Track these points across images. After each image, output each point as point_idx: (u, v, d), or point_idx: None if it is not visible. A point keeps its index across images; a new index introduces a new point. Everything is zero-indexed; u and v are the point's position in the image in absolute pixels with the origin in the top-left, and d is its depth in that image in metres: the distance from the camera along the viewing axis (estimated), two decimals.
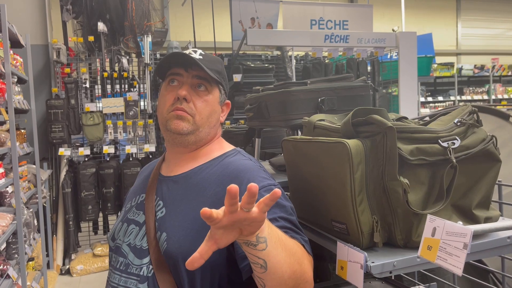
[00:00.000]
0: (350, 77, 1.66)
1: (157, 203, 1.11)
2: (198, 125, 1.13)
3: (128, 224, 1.14)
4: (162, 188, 1.14)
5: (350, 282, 1.01)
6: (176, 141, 1.14)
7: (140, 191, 1.20)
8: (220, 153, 1.17)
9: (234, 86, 4.78)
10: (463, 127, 1.06)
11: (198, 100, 1.13)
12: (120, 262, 1.10)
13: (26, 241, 3.08)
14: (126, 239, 1.12)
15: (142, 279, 1.04)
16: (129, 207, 1.19)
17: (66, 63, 4.55)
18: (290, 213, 1.03)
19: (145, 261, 1.06)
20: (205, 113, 1.13)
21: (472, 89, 9.27)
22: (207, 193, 1.07)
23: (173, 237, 1.03)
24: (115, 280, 1.09)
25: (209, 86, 1.14)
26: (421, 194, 1.02)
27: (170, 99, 1.13)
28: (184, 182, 1.12)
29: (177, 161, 1.18)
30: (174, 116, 1.11)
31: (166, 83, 1.16)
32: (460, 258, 0.78)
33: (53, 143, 4.41)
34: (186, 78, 1.13)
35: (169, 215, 1.07)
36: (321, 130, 1.23)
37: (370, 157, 1.03)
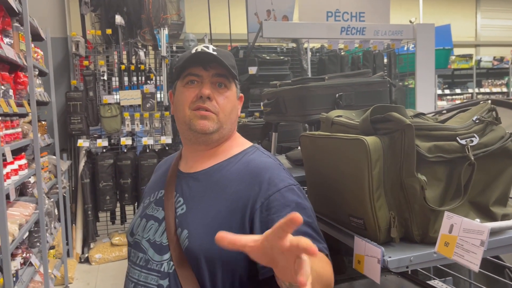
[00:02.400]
0: (368, 72, 1.67)
1: (177, 200, 1.11)
2: (222, 123, 1.12)
3: (147, 220, 1.14)
4: (182, 185, 1.14)
5: (367, 276, 1.03)
6: (200, 140, 1.14)
7: (159, 187, 1.20)
8: (239, 150, 1.17)
9: (249, 78, 4.79)
10: (482, 124, 1.06)
11: (219, 97, 1.12)
12: (139, 257, 1.10)
13: (48, 230, 3.17)
14: (145, 235, 1.12)
15: (163, 275, 1.04)
16: (148, 202, 1.19)
17: (84, 55, 4.61)
18: (310, 216, 1.04)
19: (166, 257, 1.05)
20: (227, 109, 1.13)
21: (491, 82, 9.11)
22: (228, 191, 1.07)
23: (194, 234, 1.03)
24: (135, 275, 1.09)
25: (227, 82, 1.14)
26: (438, 191, 1.04)
27: (190, 97, 1.11)
28: (205, 179, 1.12)
29: (196, 158, 1.18)
30: (198, 116, 1.11)
31: (184, 83, 1.14)
32: (477, 255, 0.80)
33: (72, 135, 4.50)
34: (206, 77, 1.12)
35: (190, 212, 1.08)
36: (339, 126, 1.25)
37: (388, 154, 1.05)
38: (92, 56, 4.71)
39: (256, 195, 1.03)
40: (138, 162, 4.46)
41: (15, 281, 2.34)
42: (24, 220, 2.52)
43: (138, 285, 1.07)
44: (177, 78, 1.17)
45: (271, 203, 1.02)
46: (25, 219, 2.56)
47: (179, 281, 1.01)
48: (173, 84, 1.21)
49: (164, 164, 1.32)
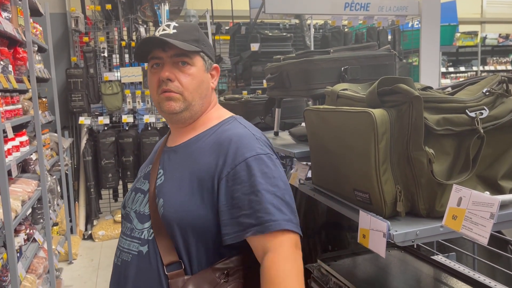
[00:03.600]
0: (374, 45, 1.63)
1: (158, 172, 1.17)
2: (189, 101, 1.15)
3: (136, 192, 1.20)
4: (164, 158, 1.20)
5: (372, 250, 1.02)
6: (173, 120, 1.19)
7: (149, 162, 1.26)
8: (216, 122, 1.19)
9: (251, 55, 4.73)
10: (492, 96, 1.04)
11: (182, 76, 1.14)
12: (127, 227, 1.17)
13: (51, 206, 3.18)
14: (133, 206, 1.18)
15: (143, 242, 1.10)
16: (139, 177, 1.26)
17: (84, 32, 4.55)
18: (276, 185, 1.05)
19: (146, 225, 1.12)
20: (192, 87, 1.15)
21: (495, 59, 8.99)
22: (200, 162, 1.10)
23: (169, 203, 1.09)
24: (121, 243, 1.17)
25: (189, 59, 1.15)
26: (446, 165, 1.02)
27: (155, 82, 1.15)
28: (183, 152, 1.17)
29: (179, 133, 1.23)
30: (164, 99, 1.14)
31: (150, 66, 1.18)
32: (487, 227, 0.78)
33: (73, 112, 4.48)
34: (166, 58, 1.14)
35: (166, 182, 1.13)
36: (344, 100, 1.23)
37: (395, 127, 1.02)
38: (92, 32, 4.65)
39: (223, 165, 1.07)
40: (140, 140, 4.45)
41: (19, 256, 2.35)
42: (26, 197, 2.52)
43: (123, 252, 1.14)
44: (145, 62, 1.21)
45: (237, 173, 1.05)
46: (28, 196, 2.56)
47: (157, 247, 1.07)
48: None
49: (159, 143, 1.37)
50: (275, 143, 1.87)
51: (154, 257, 1.08)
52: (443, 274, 1.37)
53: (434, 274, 1.38)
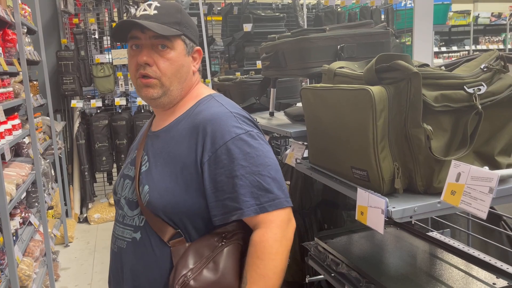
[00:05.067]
0: (370, 23, 1.62)
1: (143, 158, 1.16)
2: (167, 86, 1.12)
3: (124, 179, 1.20)
4: (148, 143, 1.18)
5: (370, 227, 1.03)
6: (152, 105, 1.18)
7: (136, 147, 1.25)
8: (193, 103, 1.17)
9: (244, 36, 4.68)
10: (490, 72, 1.04)
11: (160, 60, 1.10)
12: (119, 214, 1.18)
13: (45, 190, 3.16)
14: (123, 193, 1.18)
15: (135, 229, 1.11)
16: (126, 163, 1.25)
17: (73, 13, 4.46)
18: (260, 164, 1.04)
19: (136, 212, 1.12)
20: (170, 72, 1.11)
21: (488, 38, 8.99)
22: (181, 147, 1.09)
23: (154, 190, 1.08)
24: (116, 230, 1.18)
25: (169, 43, 1.10)
26: (443, 141, 1.02)
27: (133, 65, 1.12)
28: (163, 137, 1.15)
29: (161, 116, 1.21)
30: (142, 85, 1.12)
31: (129, 47, 1.14)
32: (486, 202, 0.79)
33: (65, 95, 4.42)
34: (144, 40, 1.10)
35: (150, 169, 1.12)
36: (342, 78, 1.22)
37: (393, 104, 1.02)
38: (81, 14, 4.56)
39: (202, 150, 1.06)
40: (133, 123, 4.42)
41: (15, 240, 2.35)
42: (21, 180, 2.51)
43: (118, 239, 1.15)
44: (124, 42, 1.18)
45: (218, 157, 1.04)
46: (22, 179, 2.54)
47: (152, 232, 1.08)
48: None
49: (146, 125, 1.35)
50: (271, 123, 1.86)
51: (148, 242, 1.09)
52: (439, 249, 1.39)
53: (430, 250, 1.40)
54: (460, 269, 1.25)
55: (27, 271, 2.40)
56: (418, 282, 1.20)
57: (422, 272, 1.26)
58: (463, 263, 1.28)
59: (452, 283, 1.17)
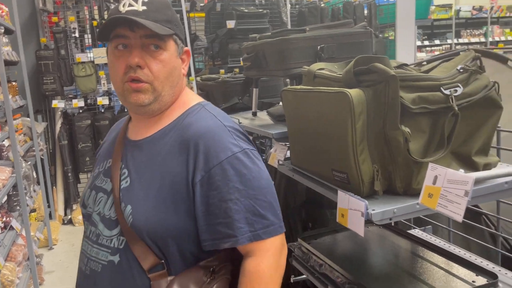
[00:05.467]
0: (350, 23, 1.62)
1: (122, 171, 1.03)
2: (159, 91, 1.00)
3: (97, 191, 1.07)
4: (127, 154, 1.05)
5: (351, 229, 1.04)
6: (138, 112, 1.05)
7: (107, 155, 1.11)
8: (181, 111, 1.05)
9: (227, 32, 4.65)
10: (466, 73, 1.04)
11: (153, 63, 0.98)
12: (91, 231, 1.05)
13: (27, 193, 3.11)
14: (96, 208, 1.05)
15: (114, 251, 0.98)
16: (97, 172, 1.11)
17: (53, 11, 4.38)
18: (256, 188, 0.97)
19: (115, 232, 0.99)
20: (163, 75, 1.00)
21: (469, 32, 9.09)
22: (169, 163, 0.99)
23: (138, 210, 0.97)
24: (87, 250, 1.04)
25: (162, 43, 0.99)
26: (421, 143, 1.03)
27: (121, 67, 0.99)
28: (147, 149, 1.03)
29: (142, 123, 1.08)
30: (130, 90, 0.99)
31: (113, 46, 1.00)
32: (461, 205, 0.80)
33: (46, 95, 4.35)
34: (134, 39, 0.97)
35: (133, 186, 1.00)
36: (321, 80, 1.22)
37: (371, 107, 1.02)
38: (61, 12, 4.48)
39: (194, 169, 0.96)
40: None
41: None
42: (0, 184, 2.46)
43: (90, 260, 1.02)
44: (106, 41, 1.03)
45: (211, 178, 0.95)
46: (2, 183, 2.49)
47: (133, 256, 0.96)
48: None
49: (116, 128, 1.20)
50: (253, 124, 1.86)
51: (127, 266, 0.97)
52: (420, 248, 1.41)
53: (412, 248, 1.42)
54: (441, 267, 1.27)
55: (9, 277, 2.37)
56: (400, 281, 1.21)
57: (404, 271, 1.27)
58: (444, 261, 1.30)
59: (432, 281, 1.19)
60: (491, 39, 9.09)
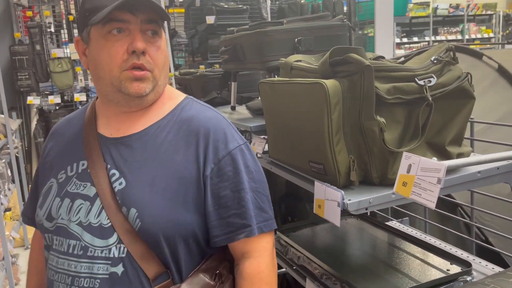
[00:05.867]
0: (327, 16, 1.62)
1: (110, 172, 0.93)
2: (157, 80, 0.95)
3: (72, 199, 0.94)
4: (111, 153, 0.95)
5: (328, 219, 1.04)
6: (133, 104, 0.95)
7: (74, 157, 0.98)
8: (173, 105, 1.00)
9: (207, 28, 4.62)
10: (440, 64, 1.05)
11: (152, 49, 0.92)
12: (70, 245, 0.91)
13: (1, 191, 3.04)
14: (73, 217, 0.92)
15: (115, 262, 0.89)
16: (65, 178, 0.97)
17: (27, 5, 4.28)
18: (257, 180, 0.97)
19: (112, 241, 0.90)
20: (161, 63, 0.95)
21: (446, 29, 9.26)
22: (175, 158, 0.93)
23: (146, 213, 0.90)
24: (68, 267, 0.91)
25: (159, 29, 0.94)
26: (397, 133, 1.04)
27: (119, 53, 0.89)
28: (141, 146, 0.95)
29: (123, 119, 0.98)
30: (132, 78, 0.91)
31: (104, 32, 0.90)
32: (434, 192, 0.81)
33: (21, 92, 4.25)
34: (134, 24, 0.90)
35: (132, 187, 0.92)
36: (298, 71, 1.22)
37: (347, 97, 1.03)
38: (36, 6, 4.38)
39: (205, 160, 0.93)
40: None
41: None
42: None
43: (80, 278, 0.90)
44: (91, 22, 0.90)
45: (222, 169, 0.93)
46: None
47: (137, 265, 0.89)
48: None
49: (68, 127, 1.07)
50: (232, 118, 1.85)
51: (135, 276, 0.89)
52: (397, 238, 1.42)
53: (389, 239, 1.43)
54: (417, 257, 1.28)
55: None
56: (376, 272, 1.22)
57: (381, 262, 1.28)
58: (419, 251, 1.32)
59: (408, 271, 1.20)
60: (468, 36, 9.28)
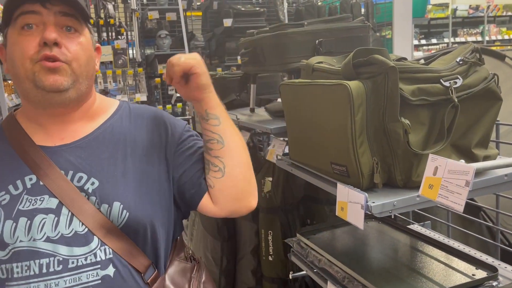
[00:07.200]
0: (348, 17, 1.62)
1: (73, 177, 0.90)
2: (77, 75, 0.91)
3: (30, 217, 0.87)
4: (66, 159, 0.92)
5: (351, 222, 1.03)
6: (53, 102, 0.90)
7: (14, 174, 0.90)
8: (115, 108, 1.04)
9: (224, 31, 4.65)
10: (465, 65, 1.04)
11: (70, 43, 0.89)
12: (43, 265, 0.85)
13: None
14: (37, 235, 0.86)
15: (104, 264, 0.87)
16: (10, 198, 0.88)
17: None
18: None
19: (94, 245, 0.87)
20: (83, 59, 0.91)
21: (466, 31, 9.12)
22: (141, 145, 0.99)
23: (131, 203, 0.91)
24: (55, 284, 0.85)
25: (78, 25, 0.91)
26: (421, 135, 1.02)
27: (30, 46, 0.86)
28: (98, 144, 0.95)
29: (63, 125, 0.95)
30: (45, 69, 0.86)
31: (17, 28, 0.88)
32: (462, 195, 0.79)
33: None
34: (46, 16, 0.87)
35: (107, 183, 0.91)
36: (320, 73, 1.21)
37: (371, 99, 1.02)
38: None
39: (166, 137, 1.02)
40: None
41: None
42: None
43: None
44: (7, 24, 0.90)
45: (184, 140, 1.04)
46: None
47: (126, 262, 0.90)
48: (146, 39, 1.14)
49: None
50: (251, 120, 1.85)
51: (127, 274, 0.90)
52: (419, 242, 1.40)
53: (411, 243, 1.41)
54: (441, 261, 1.26)
55: None
56: (399, 276, 1.21)
57: (403, 265, 1.26)
58: (443, 255, 1.29)
59: (432, 275, 1.18)
60: (488, 38, 9.12)
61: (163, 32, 4.63)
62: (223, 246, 2.08)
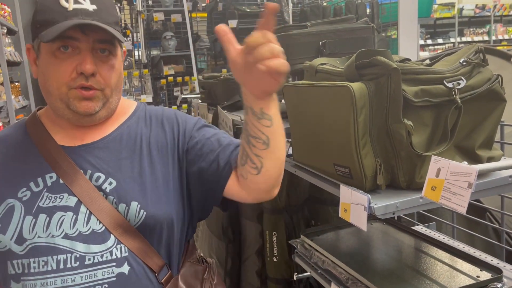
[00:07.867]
0: (352, 18, 1.61)
1: (92, 176, 0.94)
2: (107, 97, 0.95)
3: (49, 214, 0.90)
4: (86, 159, 0.96)
5: (354, 224, 1.03)
6: (83, 121, 0.97)
7: (36, 172, 0.94)
8: (132, 109, 1.07)
9: None
10: (469, 66, 1.04)
11: (103, 68, 0.93)
12: (60, 260, 0.88)
13: None
14: (56, 232, 0.89)
15: (120, 262, 0.90)
16: (31, 194, 0.92)
17: None
18: None
19: (110, 243, 0.90)
20: (113, 82, 0.95)
21: (472, 30, 9.06)
22: (155, 145, 1.01)
23: (148, 203, 0.94)
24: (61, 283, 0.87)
25: (113, 48, 0.94)
26: (424, 136, 1.02)
27: (67, 71, 0.89)
28: (115, 145, 0.99)
29: (83, 129, 0.99)
30: (80, 97, 0.91)
31: (53, 48, 0.90)
32: (465, 197, 0.79)
33: None
34: (85, 43, 0.90)
35: (124, 183, 0.94)
36: (323, 75, 1.21)
37: (374, 100, 1.02)
38: None
39: (178, 135, 1.03)
40: None
41: None
42: None
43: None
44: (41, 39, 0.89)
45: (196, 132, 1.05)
46: None
47: (141, 261, 0.92)
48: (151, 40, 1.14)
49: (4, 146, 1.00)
50: None
51: (142, 272, 0.93)
52: (424, 243, 1.39)
53: (415, 244, 1.41)
54: (445, 262, 1.25)
55: None
56: (403, 277, 1.20)
57: (407, 267, 1.26)
58: (448, 256, 1.29)
59: (437, 277, 1.18)
60: (494, 37, 9.06)
61: (168, 33, 4.65)
62: (228, 247, 2.08)
